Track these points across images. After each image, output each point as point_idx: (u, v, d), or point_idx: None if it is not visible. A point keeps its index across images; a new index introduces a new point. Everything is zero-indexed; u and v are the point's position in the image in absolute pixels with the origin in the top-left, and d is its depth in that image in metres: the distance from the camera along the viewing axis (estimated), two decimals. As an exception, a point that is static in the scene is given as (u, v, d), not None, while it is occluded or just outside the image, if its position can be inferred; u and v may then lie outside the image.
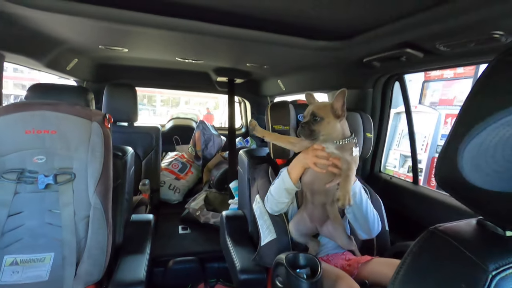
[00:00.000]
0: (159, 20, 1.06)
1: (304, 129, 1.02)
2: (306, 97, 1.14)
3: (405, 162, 3.59)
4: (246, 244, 1.34)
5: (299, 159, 1.10)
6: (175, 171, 2.69)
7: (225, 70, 2.25)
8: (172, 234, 1.96)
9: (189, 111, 14.68)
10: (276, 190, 1.14)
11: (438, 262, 0.49)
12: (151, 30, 1.15)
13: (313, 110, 1.03)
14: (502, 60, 0.45)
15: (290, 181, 1.10)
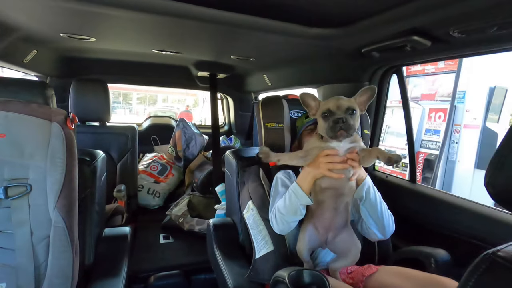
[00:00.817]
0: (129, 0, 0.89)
1: (342, 124, 0.88)
2: (304, 97, 1.00)
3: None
4: (237, 257, 1.20)
5: (308, 171, 0.97)
6: (154, 173, 2.49)
7: (206, 64, 2.08)
8: (153, 245, 1.78)
9: (167, 109, 14.23)
10: (289, 209, 0.98)
11: None
12: (121, 12, 0.97)
13: (350, 105, 0.93)
14: None
15: (304, 195, 0.95)
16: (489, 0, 0.67)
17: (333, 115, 0.91)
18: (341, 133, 0.89)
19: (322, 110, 0.95)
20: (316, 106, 1.00)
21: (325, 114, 0.93)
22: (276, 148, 1.17)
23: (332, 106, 0.93)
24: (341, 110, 0.92)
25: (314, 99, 1.00)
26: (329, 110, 0.93)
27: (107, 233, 1.22)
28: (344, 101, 0.94)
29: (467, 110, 3.00)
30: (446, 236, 1.22)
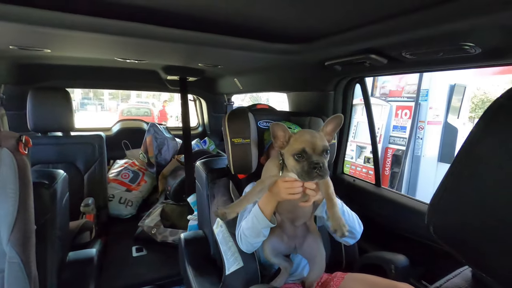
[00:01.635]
0: (88, 22, 0.84)
1: (322, 170, 0.82)
2: (274, 129, 0.90)
3: (361, 153, 3.74)
4: (209, 272, 1.21)
5: (270, 195, 0.97)
6: (125, 181, 2.42)
7: (175, 68, 2.03)
8: (125, 259, 1.74)
9: (141, 105, 13.72)
10: (251, 232, 0.99)
11: None
12: (77, 33, 0.92)
13: (325, 144, 0.86)
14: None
15: (265, 220, 0.96)
16: (431, 33, 0.71)
17: (309, 158, 0.83)
18: (318, 177, 0.83)
19: (295, 149, 0.85)
20: (285, 138, 0.90)
21: (298, 155, 0.85)
22: (243, 164, 1.18)
23: (307, 146, 0.84)
24: (317, 153, 0.84)
25: (284, 130, 0.90)
26: (304, 151, 0.84)
27: (72, 258, 1.17)
28: (318, 140, 0.86)
29: (430, 107, 3.17)
30: (407, 238, 1.29)
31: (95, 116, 15.70)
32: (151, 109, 12.87)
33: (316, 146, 0.84)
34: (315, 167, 0.81)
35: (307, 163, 0.83)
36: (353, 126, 3.80)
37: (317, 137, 0.86)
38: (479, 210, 0.39)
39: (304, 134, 0.88)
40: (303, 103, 1.69)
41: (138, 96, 21.21)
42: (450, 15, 0.64)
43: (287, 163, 0.89)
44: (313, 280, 1.07)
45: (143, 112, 12.00)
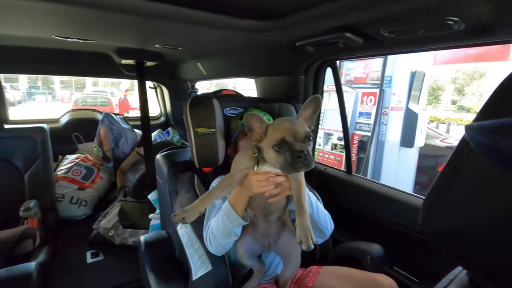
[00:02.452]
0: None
1: (307, 159, 0.72)
2: (249, 121, 0.78)
3: (329, 139, 3.77)
4: (173, 278, 1.08)
5: (241, 190, 0.87)
6: (77, 179, 2.16)
7: (129, 51, 1.80)
8: (78, 266, 1.54)
9: (98, 95, 12.68)
10: (222, 232, 0.89)
11: None
12: None
13: (306, 130, 0.76)
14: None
15: (236, 217, 0.86)
16: (415, 5, 0.64)
17: (291, 147, 0.74)
18: (304, 168, 0.73)
19: (275, 139, 0.75)
20: (262, 130, 0.79)
21: (278, 146, 0.74)
22: (209, 156, 1.06)
23: (287, 135, 0.74)
24: (299, 140, 0.74)
25: (260, 121, 0.79)
26: (284, 141, 0.74)
27: (3, 275, 0.98)
28: (299, 126, 0.76)
29: (394, 93, 3.27)
30: (379, 226, 1.28)
31: (45, 107, 14.26)
32: (110, 98, 11.98)
33: (297, 133, 0.74)
34: (299, 155, 0.71)
35: (290, 153, 0.73)
36: (320, 113, 3.81)
37: (297, 123, 0.76)
38: (480, 212, 0.35)
39: (282, 123, 0.78)
40: (272, 89, 1.59)
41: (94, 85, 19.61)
42: None
43: (267, 157, 0.78)
44: (287, 278, 1.00)
45: (100, 102, 11.14)
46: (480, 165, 0.34)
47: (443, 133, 5.25)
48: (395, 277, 0.97)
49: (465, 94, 16.38)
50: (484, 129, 0.26)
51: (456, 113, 13.75)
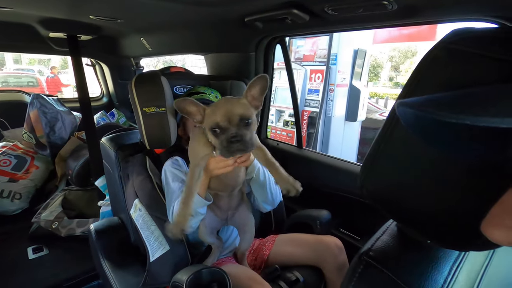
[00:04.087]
0: None
1: (239, 144, 0.72)
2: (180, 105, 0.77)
3: (280, 116, 3.88)
4: (130, 263, 1.06)
5: (198, 171, 0.84)
6: (6, 170, 1.92)
7: (58, 22, 1.58)
8: (19, 264, 1.40)
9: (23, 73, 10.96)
10: None
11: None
12: None
13: (243, 113, 0.74)
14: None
15: (201, 199, 0.86)
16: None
17: (225, 131, 0.73)
18: (239, 151, 0.74)
19: (210, 123, 0.75)
20: (200, 112, 0.78)
21: (214, 130, 0.74)
22: (160, 137, 1.02)
23: (221, 119, 0.73)
24: (233, 123, 0.73)
25: (195, 105, 0.77)
26: (217, 125, 0.73)
27: None
28: (236, 107, 0.74)
29: (339, 71, 3.45)
30: (328, 194, 1.40)
31: (-47, 89, 11.95)
32: (38, 78, 10.49)
33: (232, 116, 0.73)
34: (231, 141, 0.72)
35: (225, 137, 0.73)
36: (272, 91, 3.87)
37: (234, 105, 0.75)
38: (405, 174, 0.41)
39: (218, 105, 0.76)
40: (223, 65, 1.56)
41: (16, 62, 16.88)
42: None
43: (211, 140, 0.78)
44: (245, 249, 1.06)
45: (26, 83, 9.68)
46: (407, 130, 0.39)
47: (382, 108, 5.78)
48: (341, 237, 1.09)
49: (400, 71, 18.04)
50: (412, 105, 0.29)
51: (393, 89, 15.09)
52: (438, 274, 0.41)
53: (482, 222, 0.29)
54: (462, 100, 0.24)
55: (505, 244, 0.26)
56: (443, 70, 0.35)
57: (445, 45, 0.35)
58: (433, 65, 0.36)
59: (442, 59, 0.35)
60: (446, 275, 0.41)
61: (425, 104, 0.24)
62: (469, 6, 0.72)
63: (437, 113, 0.22)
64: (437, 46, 0.36)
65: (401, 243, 0.46)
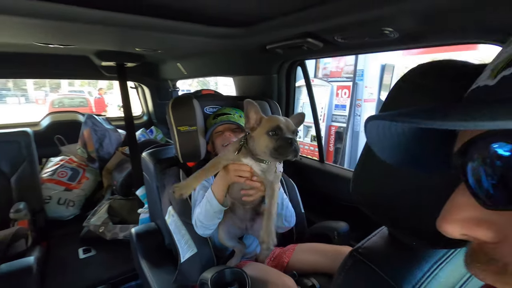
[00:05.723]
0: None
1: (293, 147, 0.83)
2: (247, 106, 0.90)
3: (308, 132, 3.95)
4: (164, 263, 1.20)
5: (220, 177, 0.99)
6: (63, 180, 2.20)
7: (109, 54, 1.85)
8: (71, 263, 1.61)
9: (75, 95, 12.27)
10: (206, 216, 1.00)
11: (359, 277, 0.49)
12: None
13: (295, 128, 0.90)
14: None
15: (217, 204, 0.98)
16: (358, 19, 0.77)
17: (283, 134, 0.85)
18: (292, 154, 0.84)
19: (270, 126, 0.86)
20: (256, 120, 0.91)
21: (273, 132, 0.86)
22: (191, 152, 1.17)
23: (282, 124, 0.86)
24: (290, 131, 0.87)
25: (256, 112, 0.90)
26: (279, 127, 0.86)
27: (4, 270, 1.05)
28: (290, 122, 0.90)
29: (366, 86, 3.46)
30: (347, 207, 1.44)
31: (18, 110, 13.63)
32: (88, 98, 11.65)
33: (289, 124, 0.88)
34: (290, 142, 0.83)
35: (282, 139, 0.84)
36: (299, 107, 3.96)
37: (289, 120, 0.91)
38: (388, 180, 0.48)
39: (276, 116, 0.92)
40: (248, 87, 1.70)
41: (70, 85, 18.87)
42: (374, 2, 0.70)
43: (257, 144, 0.89)
44: (264, 256, 1.15)
45: (78, 103, 10.79)
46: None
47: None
48: (358, 248, 1.13)
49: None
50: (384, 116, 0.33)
51: None
52: (418, 270, 0.48)
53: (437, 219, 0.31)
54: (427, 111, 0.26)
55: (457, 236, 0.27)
56: (405, 100, 0.43)
57: (408, 78, 0.44)
58: (398, 95, 0.44)
59: (405, 90, 0.43)
60: (426, 271, 0.48)
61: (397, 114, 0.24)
62: (468, 30, 0.78)
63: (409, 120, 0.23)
64: (403, 78, 0.44)
65: (389, 243, 0.53)
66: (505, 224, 0.23)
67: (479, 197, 0.23)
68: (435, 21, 0.74)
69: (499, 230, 0.24)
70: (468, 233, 0.25)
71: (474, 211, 0.24)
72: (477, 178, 0.23)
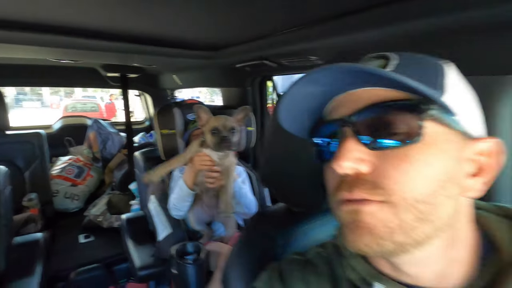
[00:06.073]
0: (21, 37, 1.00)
1: (226, 142, 1.14)
2: (197, 109, 1.21)
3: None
4: (146, 242, 1.44)
5: (189, 167, 1.25)
6: (70, 177, 2.48)
7: (113, 66, 2.14)
8: (73, 245, 1.88)
9: (88, 100, 12.85)
10: (178, 199, 1.27)
11: (257, 238, 0.72)
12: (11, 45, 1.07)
13: (232, 125, 1.18)
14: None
15: (186, 188, 1.24)
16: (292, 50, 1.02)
17: (220, 133, 1.16)
18: (226, 148, 1.16)
19: (211, 127, 1.17)
20: (206, 119, 1.21)
21: (213, 131, 1.16)
22: (171, 151, 1.42)
23: (219, 125, 1.17)
24: (226, 129, 1.16)
25: (206, 113, 1.21)
26: (216, 128, 1.16)
27: (18, 241, 1.32)
28: (229, 121, 1.19)
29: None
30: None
31: (34, 114, 14.27)
32: (99, 104, 12.18)
33: (226, 124, 1.17)
34: (223, 139, 1.14)
35: (218, 137, 1.14)
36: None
37: (227, 119, 1.18)
38: (281, 167, 0.70)
39: (218, 117, 1.20)
40: (230, 97, 1.96)
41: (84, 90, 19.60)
42: (300, 38, 0.94)
43: (207, 138, 1.18)
44: (228, 238, 1.38)
45: (90, 108, 11.32)
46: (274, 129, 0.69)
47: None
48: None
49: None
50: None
51: None
52: (293, 227, 0.70)
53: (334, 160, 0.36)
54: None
55: (348, 171, 0.34)
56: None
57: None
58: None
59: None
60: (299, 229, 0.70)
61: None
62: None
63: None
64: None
65: (283, 210, 0.76)
66: (375, 160, 0.34)
67: (366, 145, 0.34)
68: (345, 56, 0.98)
69: (372, 164, 0.34)
70: (356, 167, 0.34)
71: (359, 153, 0.34)
72: (362, 132, 0.35)
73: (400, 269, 0.39)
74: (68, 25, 0.97)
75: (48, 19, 0.92)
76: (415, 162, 0.33)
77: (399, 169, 0.33)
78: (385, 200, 0.33)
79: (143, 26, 1.01)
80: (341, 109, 0.38)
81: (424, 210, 0.33)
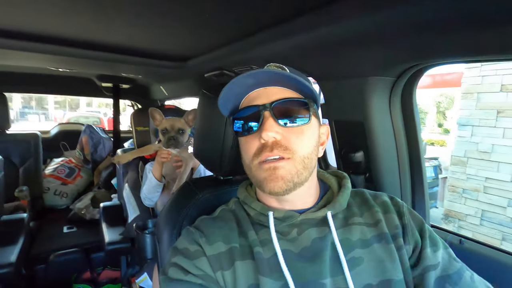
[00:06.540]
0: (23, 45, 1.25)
1: (173, 141, 1.34)
2: (152, 111, 1.43)
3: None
4: (118, 225, 1.63)
5: (156, 161, 1.45)
6: (61, 176, 2.69)
7: (107, 77, 2.41)
8: (56, 234, 2.06)
9: (90, 114, 13.24)
10: (148, 190, 1.46)
11: (186, 195, 0.92)
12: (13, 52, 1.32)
13: (179, 126, 1.38)
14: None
15: (155, 180, 1.44)
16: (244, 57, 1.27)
17: (168, 133, 1.37)
18: (172, 146, 1.36)
19: (162, 127, 1.39)
20: (160, 120, 1.43)
21: (163, 131, 1.38)
22: (144, 144, 1.65)
23: (168, 126, 1.38)
24: (174, 130, 1.37)
25: (160, 115, 1.44)
26: (166, 129, 1.38)
27: (4, 218, 1.52)
28: (177, 122, 1.39)
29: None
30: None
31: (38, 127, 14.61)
32: (101, 118, 12.52)
33: (174, 125, 1.37)
34: (170, 139, 1.34)
35: (166, 137, 1.35)
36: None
37: (176, 121, 1.39)
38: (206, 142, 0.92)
39: (169, 119, 1.40)
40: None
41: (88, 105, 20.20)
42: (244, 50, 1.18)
43: (161, 137, 1.39)
44: None
45: (92, 122, 11.63)
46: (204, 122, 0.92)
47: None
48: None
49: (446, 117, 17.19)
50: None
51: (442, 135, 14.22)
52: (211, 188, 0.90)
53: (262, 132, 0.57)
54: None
55: (271, 139, 0.57)
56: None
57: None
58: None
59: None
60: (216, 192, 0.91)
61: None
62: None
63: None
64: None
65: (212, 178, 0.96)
66: (284, 132, 0.57)
67: (279, 123, 0.57)
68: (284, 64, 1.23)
69: (283, 135, 0.57)
70: (275, 137, 0.56)
71: (277, 127, 0.57)
72: (277, 115, 0.58)
73: (283, 201, 0.64)
74: (62, 35, 1.22)
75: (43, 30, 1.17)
76: (306, 134, 0.59)
77: (298, 138, 0.58)
78: (290, 157, 0.57)
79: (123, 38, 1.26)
80: (261, 99, 0.60)
81: (307, 162, 0.59)
